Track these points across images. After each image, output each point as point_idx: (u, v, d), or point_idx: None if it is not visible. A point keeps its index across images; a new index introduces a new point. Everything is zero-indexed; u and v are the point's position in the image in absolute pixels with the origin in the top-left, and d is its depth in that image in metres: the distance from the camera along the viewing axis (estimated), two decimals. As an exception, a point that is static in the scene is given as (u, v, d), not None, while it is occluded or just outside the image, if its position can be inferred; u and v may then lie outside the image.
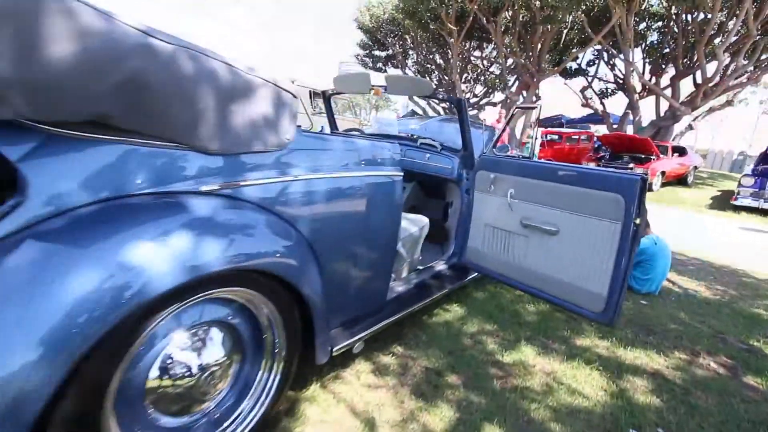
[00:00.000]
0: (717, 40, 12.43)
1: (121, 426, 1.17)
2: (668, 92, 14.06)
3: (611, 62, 16.38)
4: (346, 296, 1.85)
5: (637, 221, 1.94)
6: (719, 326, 2.90)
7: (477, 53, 19.54)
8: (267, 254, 1.34)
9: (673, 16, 13.25)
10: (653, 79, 15.31)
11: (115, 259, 1.01)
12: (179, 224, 1.16)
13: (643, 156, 10.99)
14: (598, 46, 15.09)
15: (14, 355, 0.87)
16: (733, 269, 4.49)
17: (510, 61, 16.17)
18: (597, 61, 16.91)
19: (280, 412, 1.67)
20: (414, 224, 2.57)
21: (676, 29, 13.41)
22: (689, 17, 12.69)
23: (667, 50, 14.93)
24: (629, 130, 15.08)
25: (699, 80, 12.91)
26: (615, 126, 15.88)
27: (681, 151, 12.37)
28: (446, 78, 19.85)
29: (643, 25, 14.62)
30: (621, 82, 16.08)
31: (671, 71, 14.83)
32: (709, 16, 11.07)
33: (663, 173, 10.95)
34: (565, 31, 15.07)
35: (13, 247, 0.96)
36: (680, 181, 12.31)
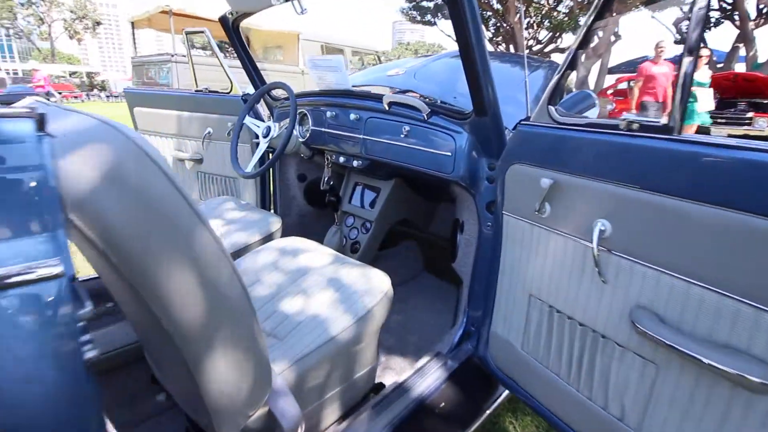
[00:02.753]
0: None
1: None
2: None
3: (716, -17, 13.11)
4: None
5: None
6: None
7: (541, -9, 16.71)
8: None
9: None
10: (775, 0, 12.00)
11: None
12: None
13: (766, 101, 8.34)
14: (699, -36, 11.97)
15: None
16: None
17: (582, -5, 13.44)
18: (696, -15, 13.60)
19: None
20: (340, 311, 1.04)
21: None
22: None
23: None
24: (739, 69, 12.01)
25: None
26: (720, 65, 12.75)
27: (820, 92, 9.42)
28: (505, 25, 17.29)
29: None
30: (729, 7, 12.82)
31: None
32: None
33: (796, 123, 8.26)
34: (654, -51, 12.08)
35: None
36: (816, 131, 9.41)
